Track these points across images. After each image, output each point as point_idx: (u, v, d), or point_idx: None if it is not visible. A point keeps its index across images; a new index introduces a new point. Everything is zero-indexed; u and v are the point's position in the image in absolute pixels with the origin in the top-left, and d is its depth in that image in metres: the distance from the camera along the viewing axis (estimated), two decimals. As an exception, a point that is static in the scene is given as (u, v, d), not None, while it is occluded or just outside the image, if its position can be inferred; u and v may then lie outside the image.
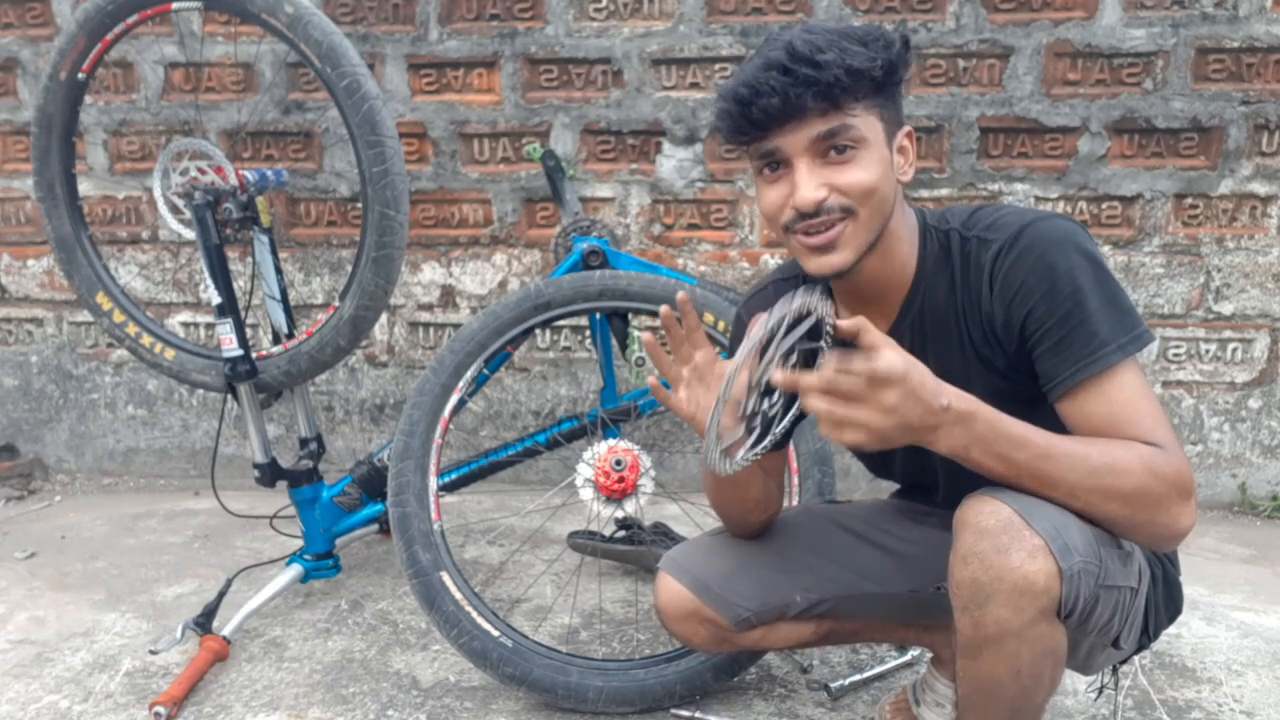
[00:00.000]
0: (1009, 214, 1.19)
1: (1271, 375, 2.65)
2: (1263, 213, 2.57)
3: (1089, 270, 1.12)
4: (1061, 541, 1.05)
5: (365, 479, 2.13)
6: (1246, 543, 2.48)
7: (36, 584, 2.22)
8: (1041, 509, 1.07)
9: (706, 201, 2.71)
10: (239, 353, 1.94)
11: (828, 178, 1.13)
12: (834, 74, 1.09)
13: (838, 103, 1.11)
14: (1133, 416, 1.09)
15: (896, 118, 1.18)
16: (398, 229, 1.88)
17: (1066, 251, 1.13)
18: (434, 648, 1.90)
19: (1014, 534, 1.05)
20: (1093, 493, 1.07)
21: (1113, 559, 1.12)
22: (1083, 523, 1.09)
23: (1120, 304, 1.12)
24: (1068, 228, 1.15)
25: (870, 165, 1.13)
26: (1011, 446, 1.06)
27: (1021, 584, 1.05)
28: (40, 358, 2.99)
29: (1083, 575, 1.06)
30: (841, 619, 1.45)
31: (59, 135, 2.06)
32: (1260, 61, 2.49)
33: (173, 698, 1.63)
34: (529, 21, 2.65)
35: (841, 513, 1.50)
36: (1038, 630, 1.07)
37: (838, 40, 1.11)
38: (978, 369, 1.21)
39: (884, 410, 1.02)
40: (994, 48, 2.55)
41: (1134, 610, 1.21)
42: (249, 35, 2.68)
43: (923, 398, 1.02)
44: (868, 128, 1.13)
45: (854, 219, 1.14)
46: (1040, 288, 1.13)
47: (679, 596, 1.41)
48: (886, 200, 1.16)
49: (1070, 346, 1.11)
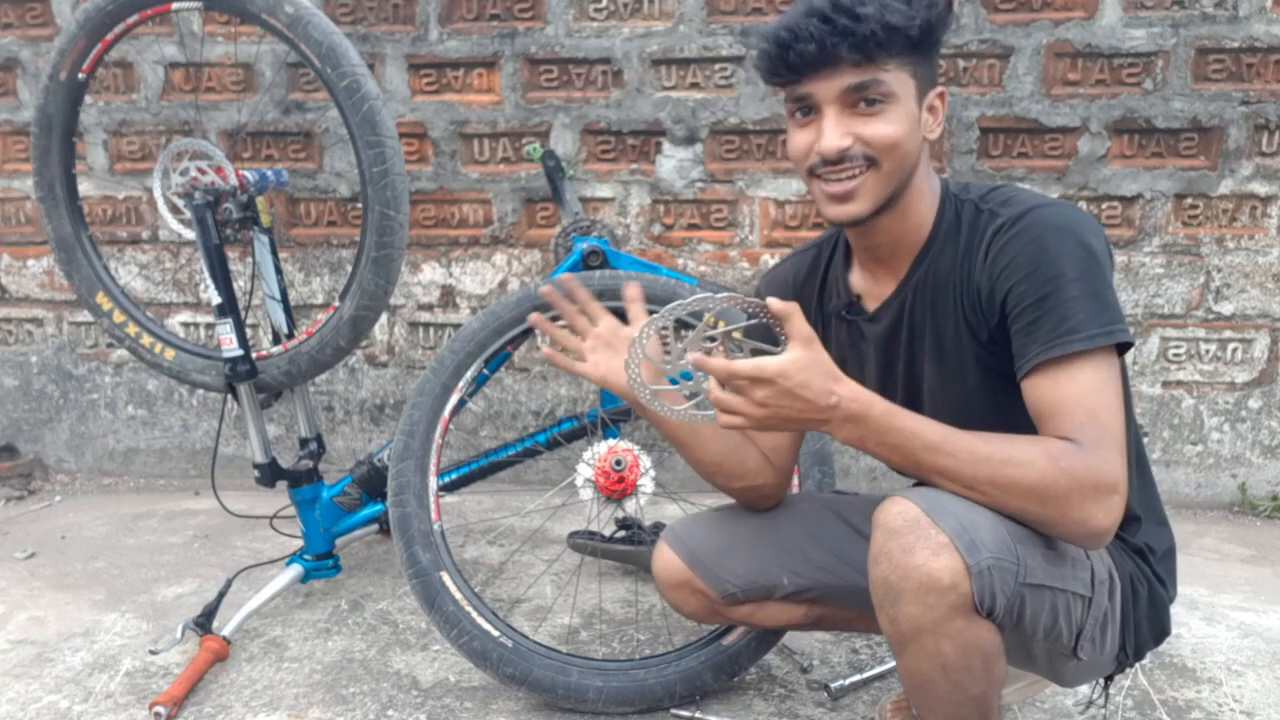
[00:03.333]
0: (1026, 195, 1.21)
1: (1271, 375, 2.65)
2: (1263, 213, 2.57)
3: (1078, 259, 1.13)
4: (968, 538, 1.07)
5: (365, 479, 2.13)
6: (1246, 543, 2.48)
7: (36, 584, 2.22)
8: (951, 506, 1.10)
9: (706, 201, 2.71)
10: (239, 353, 1.94)
11: (854, 127, 1.16)
12: (871, 28, 1.11)
13: (872, 56, 1.13)
14: (1070, 408, 1.10)
15: (930, 76, 1.20)
16: (398, 229, 1.88)
17: (1062, 237, 1.14)
18: (434, 648, 1.90)
19: (919, 532, 1.08)
20: (992, 485, 1.09)
21: (1034, 557, 1.12)
22: (999, 521, 1.10)
23: (1101, 298, 1.12)
24: (1074, 217, 1.16)
25: (898, 120, 1.16)
26: (904, 438, 1.10)
27: (927, 581, 1.07)
28: (40, 358, 2.99)
29: (994, 571, 1.07)
30: (832, 605, 1.47)
31: (59, 135, 2.06)
32: (1260, 61, 2.49)
33: (173, 698, 1.63)
34: (529, 21, 2.65)
35: (844, 503, 1.52)
36: (954, 626, 1.09)
37: None
38: (967, 339, 1.23)
39: (756, 404, 1.09)
40: (994, 48, 2.55)
41: (1089, 619, 1.20)
42: (249, 35, 2.68)
43: (803, 396, 1.08)
44: (899, 84, 1.16)
45: (876, 170, 1.18)
46: (1025, 266, 1.14)
47: (673, 565, 1.46)
48: (910, 155, 1.19)
49: (1040, 328, 1.12)
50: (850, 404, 1.09)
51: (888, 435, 1.11)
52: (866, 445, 1.12)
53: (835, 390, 1.09)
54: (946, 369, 1.27)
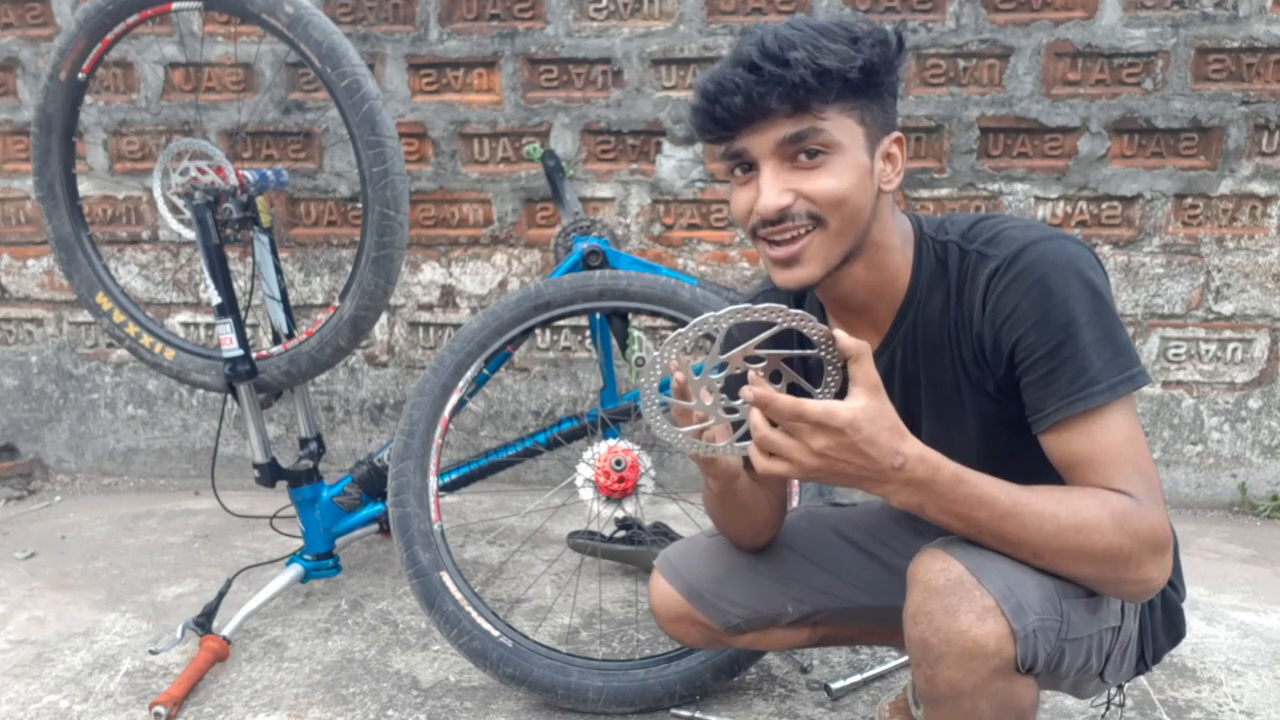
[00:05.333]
0: (1013, 228, 1.11)
1: (1271, 375, 2.65)
2: (1263, 213, 2.57)
3: (1086, 301, 1.05)
4: (1015, 600, 1.01)
5: (365, 479, 2.13)
6: (1246, 543, 2.48)
7: (36, 584, 2.22)
8: (996, 564, 1.03)
9: (706, 201, 2.71)
10: (239, 353, 1.93)
11: (794, 183, 1.06)
12: (800, 74, 1.01)
13: (806, 104, 1.03)
14: (1114, 461, 1.03)
15: (883, 121, 1.09)
16: (398, 229, 1.88)
17: (1065, 278, 1.05)
18: (434, 648, 1.90)
19: (964, 594, 1.01)
20: (1059, 554, 1.02)
21: (1077, 610, 1.07)
22: (1044, 576, 1.04)
23: (1116, 340, 1.05)
24: (1072, 251, 1.08)
25: (842, 172, 1.06)
26: (972, 507, 1.01)
27: (970, 648, 1.00)
28: (40, 358, 2.99)
29: (1039, 634, 1.02)
30: (836, 626, 1.44)
31: (59, 135, 2.06)
32: (1260, 61, 2.49)
33: (173, 698, 1.63)
34: (529, 21, 2.66)
35: (842, 518, 1.47)
36: (994, 687, 1.03)
37: (815, 37, 1.03)
38: (968, 390, 1.16)
39: (812, 452, 0.98)
40: (994, 48, 2.55)
41: (1117, 645, 1.17)
42: (249, 35, 2.68)
43: (867, 453, 0.97)
44: (842, 132, 1.06)
45: (823, 229, 1.07)
46: (1033, 315, 1.06)
47: (671, 599, 1.40)
48: (860, 211, 1.08)
49: (1058, 380, 1.05)
50: (916, 465, 0.99)
51: (954, 503, 1.01)
52: (926, 511, 1.02)
53: (901, 450, 0.98)
54: (946, 420, 1.19)
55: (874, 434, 0.97)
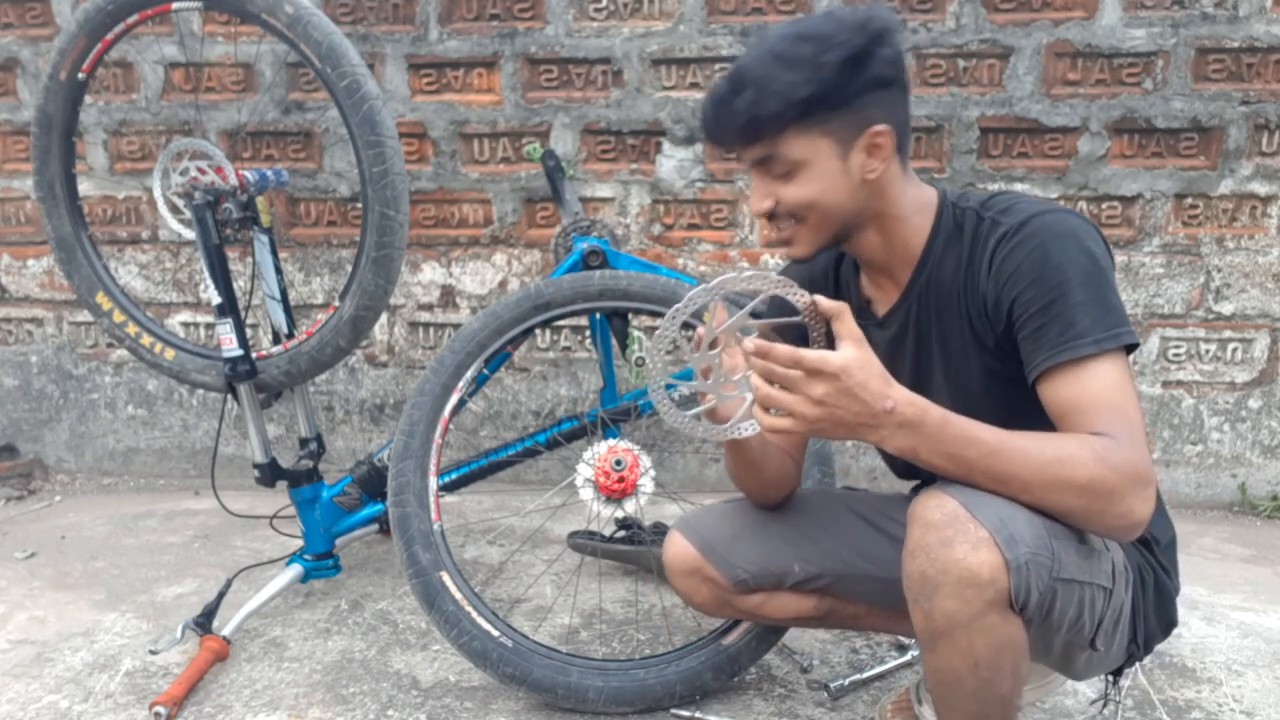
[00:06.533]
0: (1026, 202, 1.21)
1: (1271, 375, 2.65)
2: (1263, 213, 2.57)
3: (1083, 265, 1.13)
4: (1007, 532, 1.07)
5: (365, 479, 2.13)
6: (1246, 543, 2.48)
7: (36, 584, 2.22)
8: (989, 501, 1.09)
9: (706, 201, 2.71)
10: (239, 353, 1.93)
11: (773, 190, 1.22)
12: (741, 121, 1.18)
13: (758, 138, 1.19)
14: (1097, 406, 1.10)
15: (861, 120, 1.18)
16: (398, 229, 1.88)
17: (1065, 244, 1.14)
18: (434, 648, 1.90)
19: (959, 526, 1.07)
20: (1046, 487, 1.08)
21: (1068, 552, 1.12)
22: (1034, 515, 1.10)
23: (1107, 302, 1.13)
24: (1075, 223, 1.17)
25: (808, 183, 1.20)
26: (961, 446, 1.08)
27: (966, 576, 1.06)
28: (40, 358, 2.99)
29: (1031, 566, 1.07)
30: (841, 598, 1.48)
31: (59, 135, 2.06)
32: (1260, 61, 2.49)
33: (173, 698, 1.63)
34: (529, 21, 2.66)
35: (854, 498, 1.53)
36: (989, 621, 1.08)
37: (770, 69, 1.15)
38: (973, 345, 1.24)
39: (812, 401, 1.06)
40: (994, 48, 2.55)
41: (1109, 611, 1.21)
42: (249, 35, 2.68)
43: (861, 397, 1.06)
44: (803, 149, 1.18)
45: (803, 224, 1.24)
46: (1030, 274, 1.15)
47: (684, 553, 1.47)
48: (838, 208, 1.22)
49: (1048, 333, 1.13)
50: (906, 408, 1.07)
51: (943, 443, 1.08)
52: (919, 454, 1.09)
53: (890, 394, 1.07)
54: (953, 375, 1.28)
55: (865, 379, 1.06)
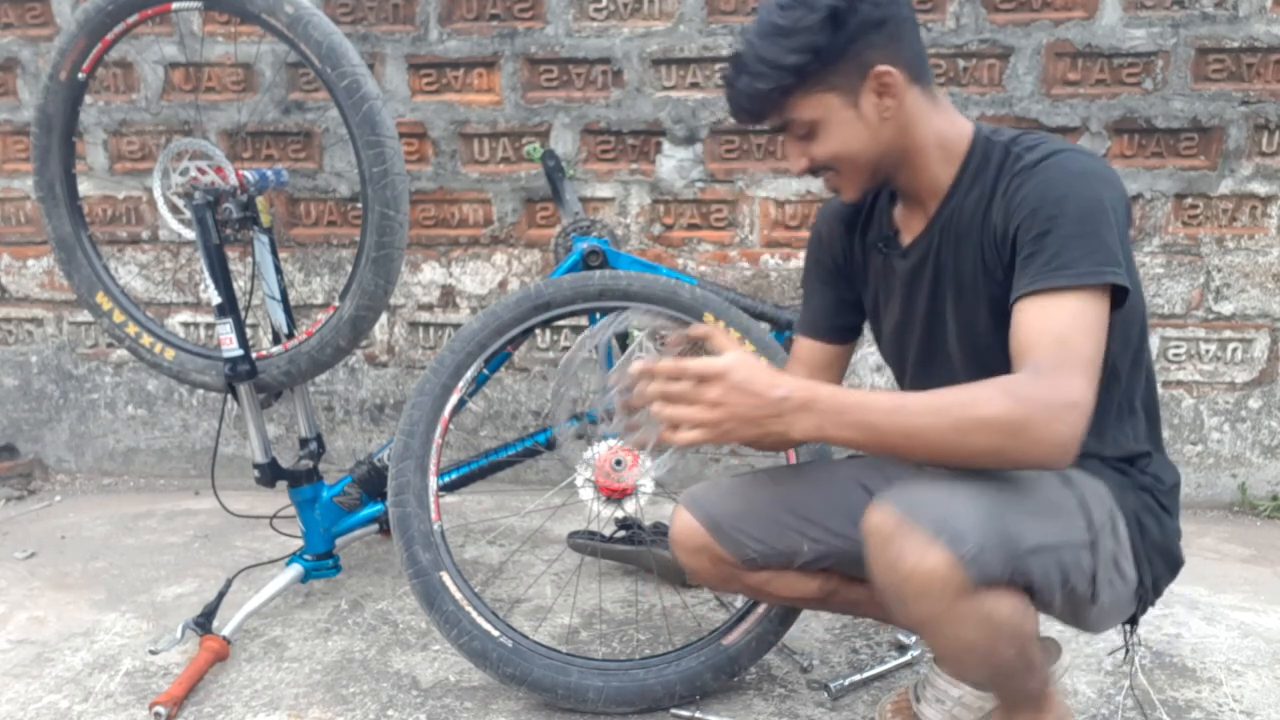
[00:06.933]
0: (1056, 142, 1.22)
1: (1271, 375, 2.65)
2: (1263, 213, 2.57)
3: (1084, 202, 1.13)
4: (950, 530, 1.08)
5: (365, 479, 2.13)
6: (1246, 543, 2.48)
7: (36, 584, 2.22)
8: (927, 501, 1.11)
9: (706, 201, 2.71)
10: (239, 353, 1.93)
11: (803, 150, 1.28)
12: (744, 100, 1.23)
13: (766, 112, 1.24)
14: (1039, 339, 1.11)
15: (856, 71, 1.21)
16: (398, 229, 1.88)
17: (1072, 181, 1.15)
18: (434, 648, 1.90)
19: (903, 538, 1.09)
20: (959, 431, 1.08)
21: (1025, 523, 1.12)
22: (978, 496, 1.11)
23: (1097, 241, 1.12)
24: (1092, 166, 1.17)
25: (829, 138, 1.24)
26: (862, 413, 1.11)
27: (923, 584, 1.09)
28: (40, 358, 2.99)
29: (984, 553, 1.08)
30: (846, 580, 1.49)
31: (59, 135, 2.06)
32: (1260, 61, 2.49)
33: (173, 698, 1.63)
34: (529, 21, 2.66)
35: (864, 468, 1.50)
36: (965, 608, 1.10)
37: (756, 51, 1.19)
38: (983, 276, 1.25)
39: (710, 405, 1.11)
40: (994, 48, 2.55)
41: (1099, 563, 1.20)
42: (249, 35, 2.68)
43: (752, 389, 1.11)
44: (813, 109, 1.22)
45: (839, 173, 1.29)
46: (1032, 203, 1.16)
47: (691, 530, 1.47)
48: (863, 151, 1.25)
49: (1034, 261, 1.14)
50: (797, 391, 1.12)
51: (844, 413, 1.11)
52: (826, 432, 1.12)
53: (778, 382, 1.12)
54: (964, 309, 1.29)
55: (750, 373, 1.12)
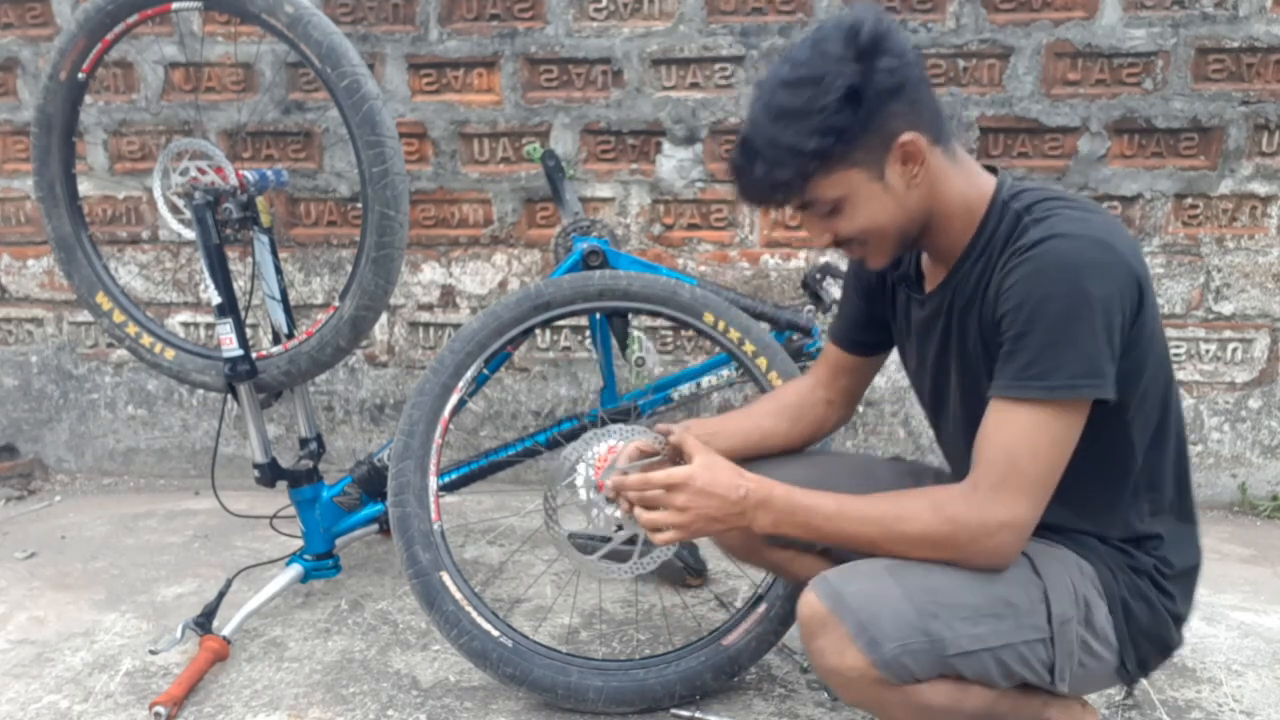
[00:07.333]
0: (1063, 218, 1.14)
1: (1271, 375, 2.65)
2: (1263, 213, 2.57)
3: (1064, 305, 1.09)
4: (868, 635, 1.12)
5: (365, 479, 2.13)
6: (1246, 543, 2.48)
7: (36, 584, 2.22)
8: (854, 594, 1.14)
9: (706, 201, 2.71)
10: (239, 353, 1.93)
11: (826, 226, 1.23)
12: (763, 189, 1.19)
13: (788, 196, 1.19)
14: (990, 451, 1.14)
15: (882, 140, 1.15)
16: (398, 229, 1.88)
17: (1057, 278, 1.10)
18: (434, 648, 1.90)
19: (826, 633, 1.15)
20: (891, 542, 1.17)
21: (959, 627, 1.13)
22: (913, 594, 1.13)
23: (1074, 350, 1.09)
24: (1087, 256, 1.10)
25: (856, 214, 1.20)
26: (806, 515, 1.20)
27: (845, 680, 1.15)
28: (40, 358, 2.99)
29: (904, 656, 1.11)
30: None
31: (59, 135, 2.06)
32: (1260, 61, 2.49)
33: (173, 698, 1.63)
34: (529, 21, 2.65)
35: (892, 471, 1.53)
36: (894, 697, 1.15)
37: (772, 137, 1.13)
38: (982, 350, 1.24)
39: (679, 510, 1.21)
40: (994, 48, 2.55)
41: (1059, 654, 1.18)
42: (249, 35, 2.68)
43: (715, 492, 1.20)
44: (838, 187, 1.17)
45: (867, 245, 1.24)
46: (1017, 298, 1.13)
47: None
48: (891, 223, 1.21)
49: (1009, 362, 1.14)
50: (757, 489, 1.20)
51: (793, 514, 1.20)
52: (780, 528, 1.21)
53: (740, 483, 1.21)
54: (967, 375, 1.27)
55: (713, 478, 1.21)
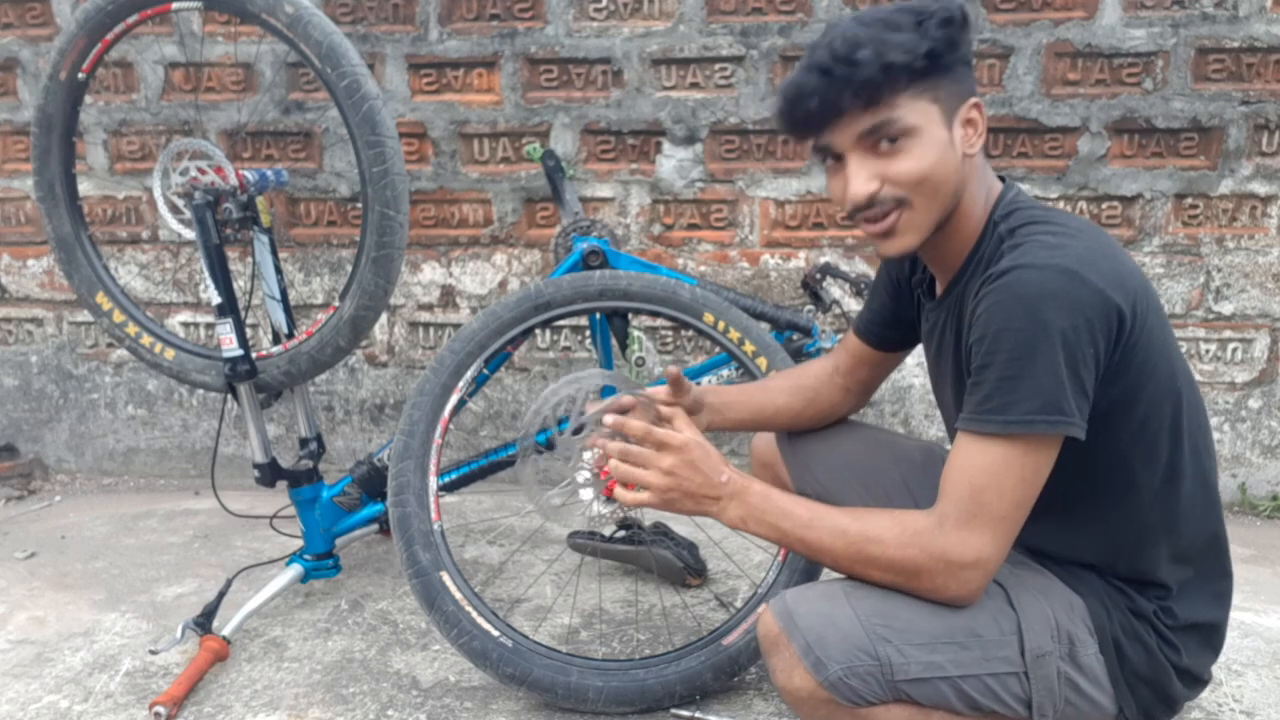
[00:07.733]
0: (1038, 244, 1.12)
1: (1271, 375, 2.65)
2: (1263, 213, 2.57)
3: (1020, 340, 1.07)
4: (814, 656, 1.12)
5: (365, 479, 2.13)
6: (1246, 543, 2.48)
7: (36, 584, 2.22)
8: (810, 611, 1.15)
9: (706, 201, 2.71)
10: (239, 353, 1.93)
11: (879, 169, 1.13)
12: (868, 73, 1.08)
13: (877, 99, 1.10)
14: (958, 481, 1.12)
15: (960, 91, 1.14)
16: (398, 229, 1.88)
17: (1015, 313, 1.07)
18: (434, 648, 1.90)
19: (777, 653, 1.17)
20: (854, 561, 1.16)
21: (913, 653, 1.13)
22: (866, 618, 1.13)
23: (1031, 384, 1.06)
24: (1046, 289, 1.07)
25: (922, 153, 1.12)
26: (778, 518, 1.19)
27: (796, 700, 1.17)
28: (40, 358, 2.99)
29: (850, 679, 1.12)
30: None
31: (59, 135, 2.06)
32: (1260, 61, 2.49)
33: (173, 698, 1.63)
34: (529, 21, 2.65)
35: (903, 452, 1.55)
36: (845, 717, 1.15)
37: (882, 31, 1.09)
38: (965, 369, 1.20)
39: (664, 472, 1.20)
40: (994, 48, 2.55)
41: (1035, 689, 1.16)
42: (249, 35, 2.68)
43: (702, 469, 1.20)
44: (917, 115, 1.11)
45: (908, 208, 1.15)
46: (980, 329, 1.11)
47: (766, 442, 1.64)
48: (945, 183, 1.15)
49: (973, 394, 1.13)
50: (737, 480, 1.21)
51: (766, 514, 1.20)
52: (749, 525, 1.21)
53: (724, 470, 1.21)
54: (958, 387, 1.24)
55: (704, 454, 1.21)
